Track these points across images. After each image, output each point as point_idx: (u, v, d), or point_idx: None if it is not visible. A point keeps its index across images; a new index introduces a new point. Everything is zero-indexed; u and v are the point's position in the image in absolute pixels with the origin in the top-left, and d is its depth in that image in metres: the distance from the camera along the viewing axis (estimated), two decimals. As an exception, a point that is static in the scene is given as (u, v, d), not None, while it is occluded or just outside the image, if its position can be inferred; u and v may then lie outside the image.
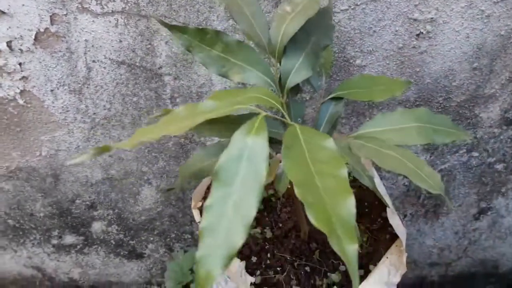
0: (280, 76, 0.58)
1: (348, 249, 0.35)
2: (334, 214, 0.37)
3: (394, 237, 0.78)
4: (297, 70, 0.58)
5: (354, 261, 0.35)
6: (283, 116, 0.53)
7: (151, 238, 1.17)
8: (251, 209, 0.37)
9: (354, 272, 0.35)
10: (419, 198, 1.08)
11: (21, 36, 0.80)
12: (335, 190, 0.38)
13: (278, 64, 0.58)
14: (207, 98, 0.46)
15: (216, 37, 0.56)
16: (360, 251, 0.79)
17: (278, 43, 0.57)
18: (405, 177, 1.04)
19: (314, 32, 0.59)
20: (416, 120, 0.61)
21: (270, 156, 0.61)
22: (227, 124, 0.54)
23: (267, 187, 0.86)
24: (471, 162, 1.02)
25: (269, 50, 0.58)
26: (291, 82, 0.58)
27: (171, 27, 0.55)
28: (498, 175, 1.05)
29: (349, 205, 0.37)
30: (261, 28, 0.59)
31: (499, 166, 1.03)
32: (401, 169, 0.54)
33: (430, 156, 1.00)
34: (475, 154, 1.00)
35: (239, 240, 0.36)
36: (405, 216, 1.12)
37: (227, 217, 0.37)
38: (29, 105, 0.90)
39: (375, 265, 0.74)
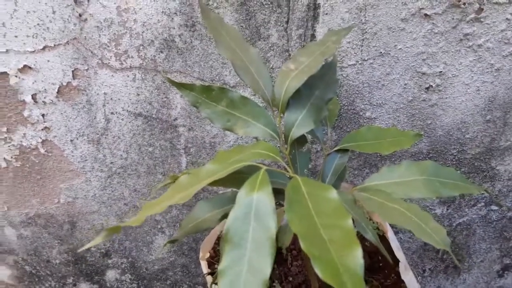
0: (284, 129, 0.60)
1: None
2: (342, 266, 0.36)
3: (408, 293, 0.75)
4: (300, 123, 0.59)
5: None
6: (286, 167, 0.54)
7: (164, 288, 1.16)
8: (265, 269, 0.38)
9: None
10: (438, 252, 1.05)
11: (45, 89, 0.85)
12: (342, 242, 0.38)
13: (282, 118, 0.59)
14: (209, 162, 0.48)
15: (221, 93, 0.59)
16: (373, 308, 0.76)
17: (281, 97, 0.59)
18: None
19: (318, 86, 0.60)
20: (422, 173, 0.61)
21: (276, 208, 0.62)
22: (232, 177, 0.55)
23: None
24: (490, 216, 0.99)
25: (273, 104, 0.60)
26: (294, 134, 0.59)
27: (178, 85, 0.58)
28: (521, 230, 1.01)
29: (357, 256, 0.37)
30: (265, 83, 0.61)
31: (521, 221, 0.99)
32: (405, 223, 0.53)
33: (447, 209, 0.97)
34: (494, 207, 0.97)
35: None
36: (424, 271, 1.08)
37: (242, 280, 0.37)
38: (50, 154, 0.94)
39: (387, 323, 0.71)
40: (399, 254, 0.74)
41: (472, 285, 1.10)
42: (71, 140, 0.92)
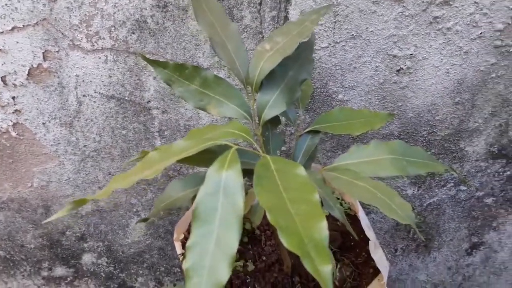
0: (257, 110, 0.60)
1: (322, 269, 0.36)
2: (307, 237, 0.37)
3: (378, 271, 0.77)
4: (272, 104, 0.60)
5: (329, 281, 0.35)
6: (257, 148, 0.55)
7: (141, 271, 1.16)
8: (232, 244, 0.38)
9: None
10: (409, 232, 1.08)
11: (15, 71, 0.83)
12: (308, 215, 0.39)
13: (255, 98, 0.60)
14: (181, 139, 0.48)
15: (194, 72, 0.59)
16: (344, 285, 0.78)
17: (255, 78, 0.59)
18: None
19: (292, 67, 0.61)
20: (390, 152, 0.62)
21: (247, 189, 0.63)
22: (203, 156, 0.55)
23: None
24: (459, 196, 1.02)
25: (246, 85, 0.61)
26: (266, 115, 0.59)
27: (152, 62, 0.57)
28: (488, 209, 1.04)
29: (322, 227, 0.38)
30: (242, 63, 0.61)
31: (489, 200, 1.03)
32: (372, 200, 0.55)
33: (418, 190, 1.00)
34: (463, 187, 1.00)
35: (224, 276, 0.37)
36: (396, 250, 1.11)
37: (210, 255, 0.38)
38: (21, 138, 0.92)
39: (357, 299, 0.73)
40: (369, 233, 0.76)
41: (442, 263, 1.14)
42: (43, 123, 0.91)
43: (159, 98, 0.87)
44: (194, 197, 0.58)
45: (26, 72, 0.84)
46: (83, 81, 0.85)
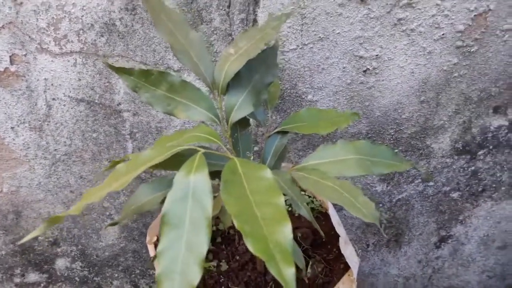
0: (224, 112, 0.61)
1: (285, 272, 0.37)
2: (272, 241, 0.39)
3: (348, 266, 0.79)
4: (239, 106, 0.61)
5: (292, 284, 0.36)
6: (225, 150, 0.56)
7: (116, 275, 1.16)
8: (202, 246, 0.39)
9: None
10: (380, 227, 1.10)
11: (-20, 75, 0.82)
12: (273, 218, 0.40)
13: (223, 102, 0.61)
14: (149, 147, 0.49)
15: (160, 77, 0.59)
16: (315, 282, 0.80)
17: (221, 81, 0.60)
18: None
19: (258, 70, 0.62)
20: (356, 152, 0.64)
21: (216, 190, 0.63)
22: (172, 161, 0.56)
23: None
24: (427, 191, 1.05)
25: (213, 88, 0.61)
26: (234, 117, 0.60)
27: (117, 70, 0.58)
28: (454, 203, 1.08)
29: (286, 231, 0.39)
30: (206, 67, 0.62)
31: (455, 195, 1.06)
32: (338, 199, 0.56)
33: (387, 186, 1.03)
34: (431, 183, 1.03)
35: (195, 279, 0.38)
36: (367, 245, 1.14)
37: (180, 259, 0.39)
38: (-11, 143, 0.91)
39: (328, 295, 0.75)
40: (339, 229, 0.78)
41: (412, 256, 1.17)
42: (12, 128, 0.89)
43: (130, 101, 0.87)
44: (163, 200, 0.59)
45: (-7, 77, 0.83)
46: (52, 84, 0.84)
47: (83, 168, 0.95)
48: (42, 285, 1.16)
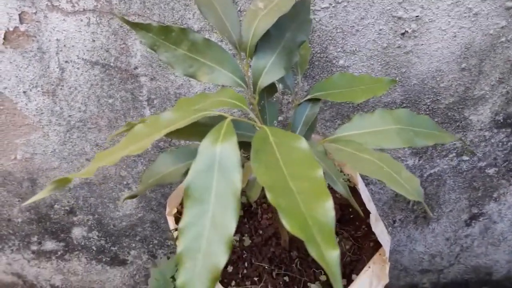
0: (251, 76, 0.55)
1: (328, 256, 0.32)
2: (311, 218, 0.33)
3: (379, 245, 0.74)
4: (269, 69, 0.54)
5: (336, 269, 0.31)
6: (253, 118, 0.50)
7: (133, 245, 1.13)
8: (230, 225, 0.34)
9: (336, 281, 0.31)
10: (408, 203, 1.05)
11: (-11, 35, 0.77)
12: (311, 193, 0.35)
13: (250, 63, 0.55)
14: (169, 109, 0.43)
15: (181, 35, 0.53)
16: (343, 260, 0.75)
17: (249, 40, 0.54)
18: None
19: (289, 27, 0.55)
20: (396, 122, 0.58)
21: (243, 162, 0.58)
22: (194, 129, 0.51)
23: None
24: (461, 167, 0.98)
25: (240, 48, 0.55)
26: (262, 82, 0.55)
27: (134, 25, 0.52)
28: (489, 179, 1.01)
29: (327, 208, 0.34)
30: (232, 24, 0.55)
31: (491, 171, 1.00)
32: (377, 174, 0.51)
33: (419, 160, 0.97)
34: (466, 158, 0.97)
35: (221, 260, 0.33)
36: (394, 222, 1.09)
37: (205, 237, 0.34)
38: (1, 107, 0.86)
39: (358, 274, 0.71)
40: (370, 205, 0.73)
41: (440, 234, 1.12)
42: (24, 92, 0.85)
43: (147, 64, 0.81)
44: (186, 172, 0.54)
45: (2, 36, 0.78)
46: (64, 45, 0.79)
47: (99, 135, 0.91)
48: (59, 253, 1.15)
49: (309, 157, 0.39)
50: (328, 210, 0.34)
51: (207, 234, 0.34)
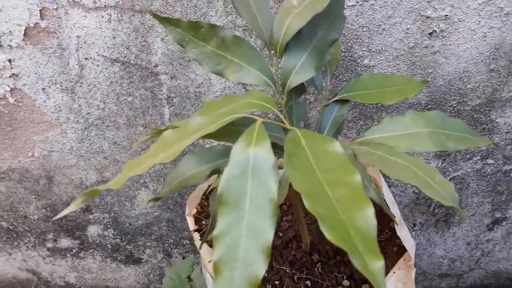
0: (281, 76, 0.53)
1: (373, 266, 0.30)
2: (352, 228, 0.32)
3: (402, 249, 0.72)
4: (299, 69, 0.53)
5: (381, 280, 0.30)
6: (282, 119, 0.49)
7: (149, 243, 1.12)
8: (267, 232, 0.33)
9: None
10: (429, 206, 1.03)
11: (10, 31, 0.76)
12: (350, 200, 0.34)
13: (279, 62, 0.53)
14: (196, 113, 0.42)
15: (211, 32, 0.52)
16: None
17: (280, 38, 0.52)
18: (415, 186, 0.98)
19: (322, 25, 0.53)
20: (428, 124, 0.56)
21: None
22: (224, 132, 0.49)
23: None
24: (485, 170, 0.96)
25: (270, 46, 0.54)
26: (292, 82, 0.53)
27: (163, 20, 0.50)
28: (514, 183, 0.99)
29: (368, 216, 0.32)
30: (265, 20, 0.54)
31: (516, 174, 0.97)
32: (411, 179, 0.49)
33: (442, 163, 0.94)
34: (490, 161, 0.94)
35: (260, 269, 0.32)
36: (414, 225, 1.07)
37: (242, 245, 0.33)
38: (20, 104, 0.86)
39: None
40: (394, 209, 0.71)
41: (461, 238, 1.09)
42: (43, 89, 0.84)
43: (168, 62, 0.80)
44: (210, 174, 0.52)
45: (22, 32, 0.77)
46: (84, 42, 0.78)
47: (117, 133, 0.90)
48: (74, 250, 1.14)
49: (344, 161, 0.37)
50: (369, 218, 0.32)
51: (243, 242, 0.33)
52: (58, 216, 0.35)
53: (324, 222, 0.31)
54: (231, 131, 0.47)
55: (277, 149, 0.50)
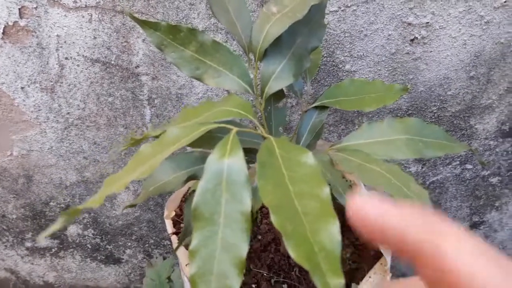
0: (260, 82, 0.53)
1: (333, 284, 0.30)
2: (317, 244, 0.31)
3: (379, 254, 0.73)
4: (277, 75, 0.53)
5: None
6: (259, 127, 0.48)
7: (129, 244, 1.11)
8: (241, 246, 0.33)
9: None
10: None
11: (-13, 28, 0.75)
12: (317, 214, 0.33)
13: (259, 68, 0.53)
14: (173, 123, 0.41)
15: (190, 36, 0.51)
16: (344, 268, 0.74)
17: (259, 44, 0.52)
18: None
19: (301, 32, 0.53)
20: (406, 131, 0.56)
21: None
22: (200, 141, 0.49)
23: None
24: (464, 175, 0.97)
25: (249, 52, 0.53)
26: (270, 89, 0.53)
27: (142, 23, 0.50)
28: (492, 188, 1.00)
29: (333, 231, 0.32)
30: (244, 26, 0.54)
31: (494, 180, 0.98)
32: (386, 186, 0.49)
33: (422, 168, 0.95)
34: (469, 166, 0.96)
35: (234, 283, 0.32)
36: (394, 228, 1.08)
37: (217, 260, 0.32)
38: (-2, 102, 0.84)
39: (357, 283, 0.69)
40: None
41: (440, 241, 1.11)
42: (22, 88, 0.83)
43: (149, 63, 0.79)
44: (187, 179, 0.52)
45: (1, 31, 0.75)
46: (65, 42, 0.77)
47: (98, 134, 0.89)
48: (53, 250, 1.13)
49: (316, 173, 0.37)
50: (333, 233, 0.32)
51: (218, 256, 0.33)
52: (42, 235, 0.34)
53: (290, 240, 0.31)
54: (207, 139, 0.46)
55: (254, 154, 0.50)
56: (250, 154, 0.50)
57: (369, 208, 0.19)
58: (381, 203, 0.19)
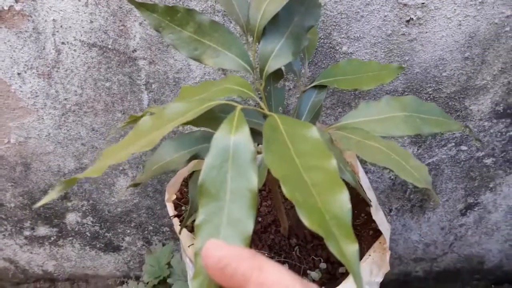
0: (259, 61, 0.54)
1: (348, 250, 0.31)
2: (327, 213, 0.32)
3: (378, 233, 0.74)
4: (276, 54, 0.53)
5: (356, 264, 0.30)
6: (261, 105, 0.49)
7: (128, 231, 1.12)
8: (247, 223, 0.33)
9: (356, 276, 0.30)
10: (405, 192, 1.05)
11: (-17, 13, 0.75)
12: (326, 185, 0.34)
13: (257, 47, 0.53)
14: (174, 99, 0.41)
15: (187, 16, 0.51)
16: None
17: (257, 23, 0.52)
18: (391, 170, 1.00)
19: (298, 11, 0.54)
20: (403, 109, 0.57)
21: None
22: (202, 119, 0.49)
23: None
24: (459, 156, 0.98)
25: (247, 31, 0.54)
26: (270, 67, 0.53)
27: (139, 5, 0.50)
28: (486, 170, 1.02)
29: (343, 200, 0.33)
30: (241, 5, 0.54)
31: (488, 161, 1.00)
32: (385, 161, 0.50)
33: (418, 149, 0.96)
34: (464, 148, 0.97)
35: None
36: (390, 210, 1.09)
37: (222, 235, 0.33)
38: (-6, 89, 0.84)
39: (358, 262, 0.71)
40: (370, 194, 0.73)
41: (435, 223, 1.12)
42: (19, 73, 0.82)
43: (146, 47, 0.79)
44: (190, 158, 0.52)
45: (-4, 15, 0.75)
46: (61, 26, 0.77)
47: (95, 119, 0.89)
48: (52, 238, 1.13)
49: (321, 146, 0.37)
50: (344, 202, 0.33)
51: (223, 232, 0.33)
52: (38, 204, 0.35)
53: (301, 208, 0.31)
54: (210, 118, 0.47)
55: (256, 134, 0.50)
56: (252, 134, 0.50)
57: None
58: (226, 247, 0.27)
